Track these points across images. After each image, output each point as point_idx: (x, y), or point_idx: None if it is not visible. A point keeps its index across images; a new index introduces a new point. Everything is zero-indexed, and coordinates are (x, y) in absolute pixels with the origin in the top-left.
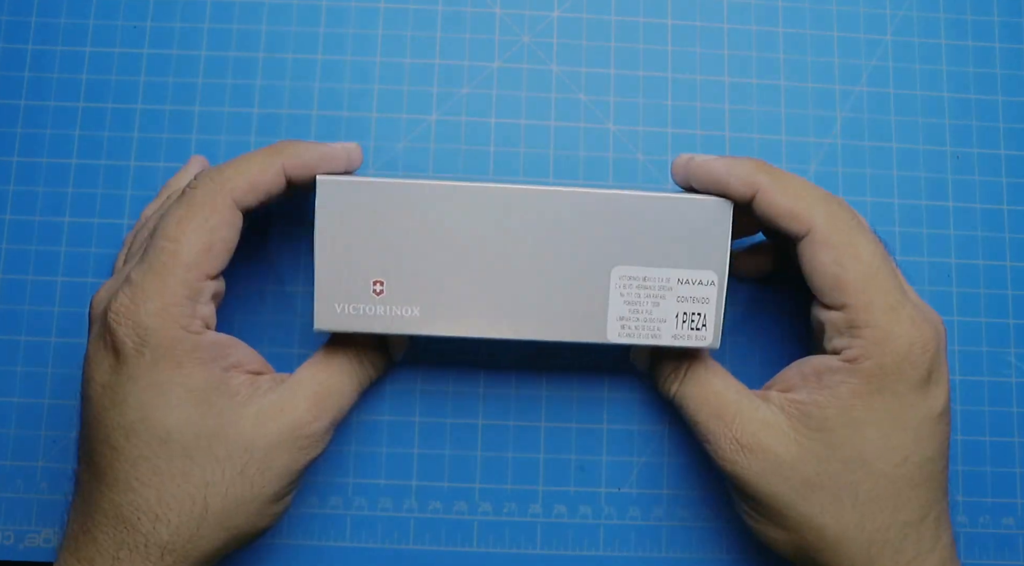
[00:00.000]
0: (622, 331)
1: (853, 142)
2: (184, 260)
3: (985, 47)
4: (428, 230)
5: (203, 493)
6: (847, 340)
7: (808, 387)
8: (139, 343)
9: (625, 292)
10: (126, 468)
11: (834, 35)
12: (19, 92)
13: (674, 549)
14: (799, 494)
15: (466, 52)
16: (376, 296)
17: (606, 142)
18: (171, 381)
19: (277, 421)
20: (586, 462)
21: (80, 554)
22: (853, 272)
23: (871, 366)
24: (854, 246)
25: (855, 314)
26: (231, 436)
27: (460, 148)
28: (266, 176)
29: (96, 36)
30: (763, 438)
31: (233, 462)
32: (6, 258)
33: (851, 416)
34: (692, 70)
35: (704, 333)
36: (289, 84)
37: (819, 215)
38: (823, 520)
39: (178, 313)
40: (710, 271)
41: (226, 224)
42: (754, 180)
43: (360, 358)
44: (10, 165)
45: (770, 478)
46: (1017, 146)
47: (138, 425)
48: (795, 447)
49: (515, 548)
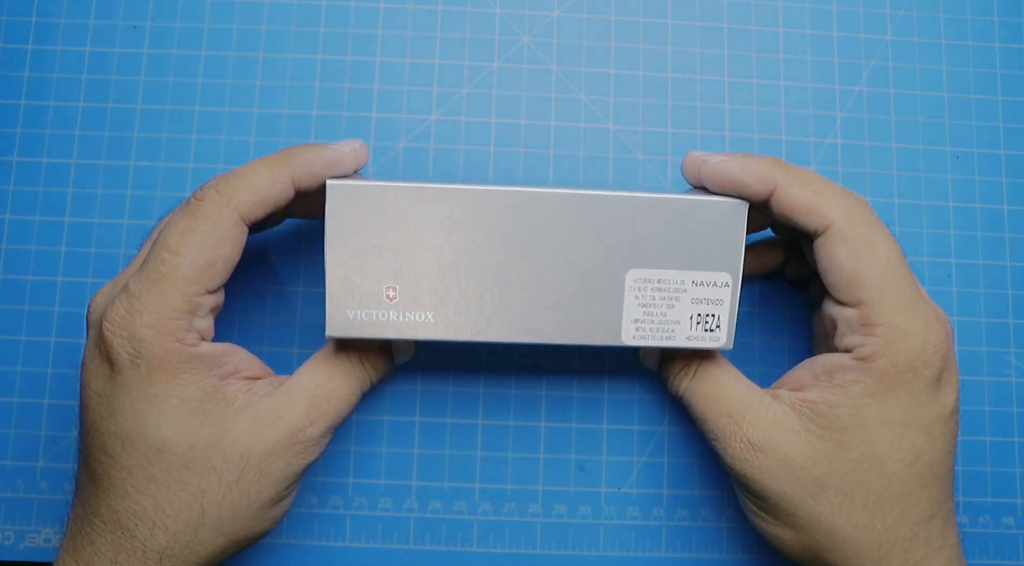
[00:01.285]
0: (636, 334)
1: (853, 142)
2: (184, 274)
3: (985, 47)
4: (441, 234)
5: (200, 501)
6: (860, 338)
7: (820, 386)
8: (133, 355)
9: (640, 295)
10: (122, 476)
11: (834, 35)
12: (19, 92)
13: (674, 549)
14: (809, 494)
15: (466, 52)
16: (389, 302)
17: (606, 142)
18: (166, 392)
19: (274, 427)
20: (586, 462)
21: (79, 556)
22: (871, 268)
23: (885, 365)
24: (872, 242)
25: (870, 311)
26: (227, 444)
27: (460, 148)
28: (274, 189)
29: (96, 36)
30: (774, 437)
31: (230, 470)
32: (6, 258)
33: (864, 415)
34: (692, 70)
35: (718, 334)
36: (289, 84)
37: (837, 210)
38: (833, 520)
39: (174, 327)
40: (724, 272)
41: (230, 240)
42: (771, 177)
43: (361, 361)
44: (10, 165)
45: (780, 477)
46: (1017, 146)
47: (133, 435)
48: (806, 446)
49: (515, 548)
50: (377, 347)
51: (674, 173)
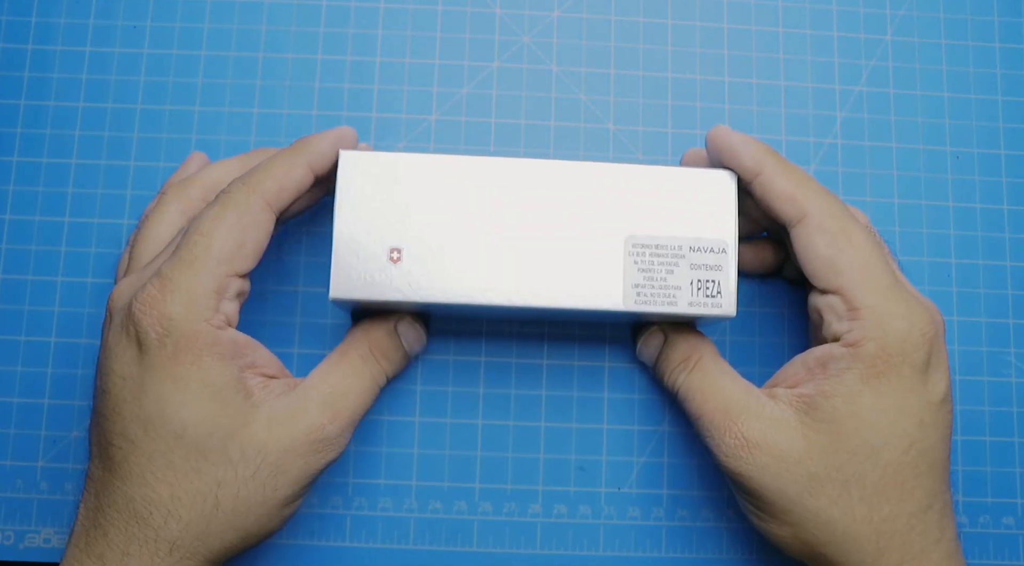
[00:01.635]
0: (638, 298)
1: (853, 142)
2: (215, 255)
3: (985, 47)
4: (445, 202)
5: (215, 492)
6: (847, 323)
7: (814, 379)
8: (162, 334)
9: (639, 259)
10: (142, 462)
11: (834, 35)
12: (19, 92)
13: (674, 549)
14: (805, 489)
15: (466, 52)
16: (392, 263)
17: (606, 142)
18: (189, 374)
19: (289, 426)
20: (586, 462)
21: (91, 550)
22: (848, 254)
23: (874, 348)
24: (847, 232)
25: (852, 295)
26: (244, 438)
27: (460, 148)
28: (295, 175)
29: (96, 36)
30: (770, 435)
31: (247, 464)
32: (6, 258)
33: (857, 403)
34: (692, 70)
35: (720, 300)
36: (289, 84)
37: (814, 202)
38: (831, 513)
39: (204, 305)
40: (720, 238)
41: (258, 224)
42: (762, 159)
43: (372, 353)
44: (10, 165)
45: (776, 474)
46: (1017, 146)
47: (155, 418)
48: (802, 441)
49: (515, 548)
50: (388, 340)
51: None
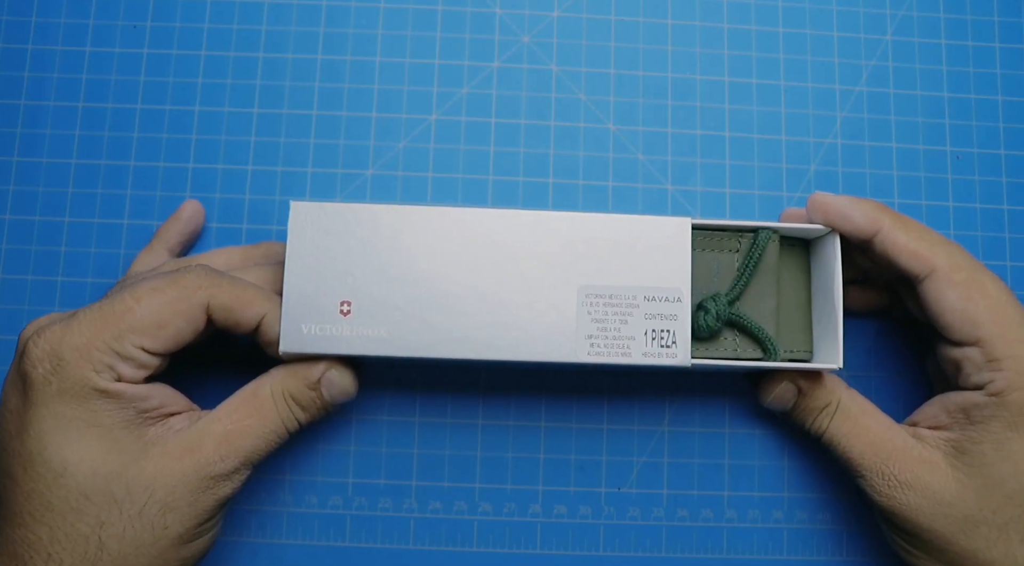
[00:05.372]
0: (591, 350)
1: (853, 142)
2: (133, 322)
3: (985, 47)
4: (396, 252)
5: (97, 533)
6: (989, 374)
7: (958, 424)
8: (49, 371)
9: (592, 310)
10: (20, 501)
11: (834, 35)
12: (19, 92)
13: (674, 549)
14: (961, 530)
15: (466, 52)
16: (343, 317)
17: (606, 142)
18: (74, 415)
19: (181, 461)
20: (586, 462)
21: None
22: (983, 306)
23: (1019, 397)
24: (979, 283)
25: (991, 347)
26: (131, 475)
27: (460, 148)
28: (248, 313)
29: (96, 36)
30: (921, 475)
31: (132, 502)
32: (6, 258)
33: (1008, 449)
34: (692, 70)
35: (675, 350)
36: (289, 84)
37: (941, 255)
38: (991, 554)
39: (97, 359)
40: (675, 287)
41: (189, 318)
42: (878, 217)
43: (285, 399)
44: (10, 165)
45: (930, 515)
46: (1017, 146)
47: (36, 456)
48: (954, 483)
49: (515, 548)
50: (307, 389)
51: (674, 173)
